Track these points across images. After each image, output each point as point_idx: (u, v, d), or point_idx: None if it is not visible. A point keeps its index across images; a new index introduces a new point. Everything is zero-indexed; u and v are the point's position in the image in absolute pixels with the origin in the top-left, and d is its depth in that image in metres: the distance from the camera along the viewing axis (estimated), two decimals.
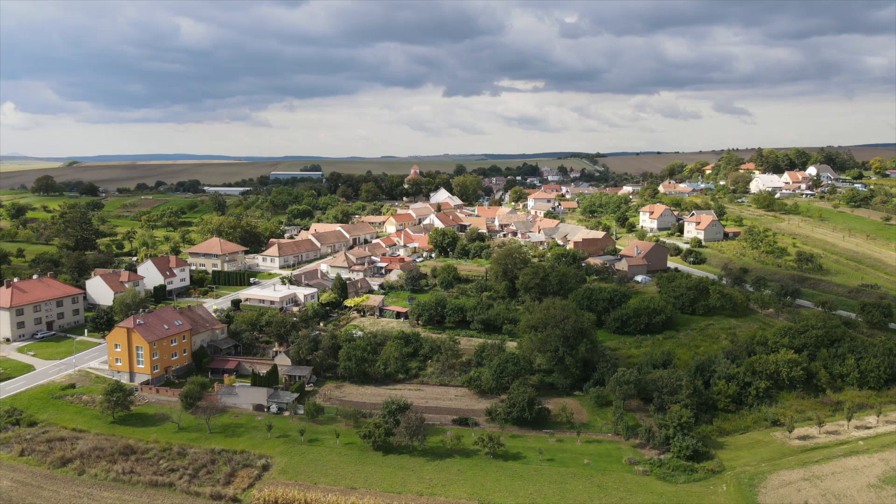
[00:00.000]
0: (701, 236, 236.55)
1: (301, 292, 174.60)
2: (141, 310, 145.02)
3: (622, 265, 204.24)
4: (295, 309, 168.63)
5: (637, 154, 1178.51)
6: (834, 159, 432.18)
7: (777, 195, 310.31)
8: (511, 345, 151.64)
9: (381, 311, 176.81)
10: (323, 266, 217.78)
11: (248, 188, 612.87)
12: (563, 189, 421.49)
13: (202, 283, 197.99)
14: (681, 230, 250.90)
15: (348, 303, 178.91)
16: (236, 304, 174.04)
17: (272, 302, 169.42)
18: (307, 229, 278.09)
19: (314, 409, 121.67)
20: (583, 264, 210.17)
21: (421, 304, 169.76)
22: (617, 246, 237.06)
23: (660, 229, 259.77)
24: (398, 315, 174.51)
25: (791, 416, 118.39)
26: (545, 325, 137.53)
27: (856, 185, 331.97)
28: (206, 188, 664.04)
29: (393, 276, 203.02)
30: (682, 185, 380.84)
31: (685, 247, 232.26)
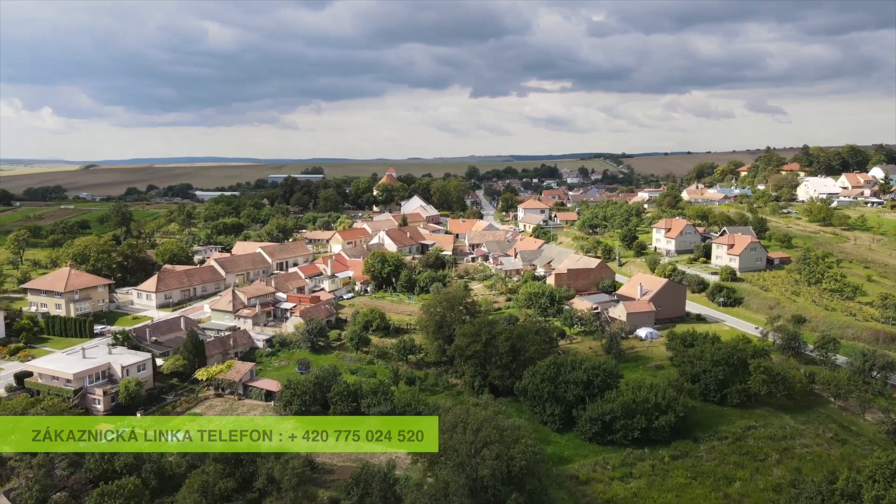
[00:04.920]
0: (735, 264, 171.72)
1: (120, 362, 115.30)
2: None
3: (619, 311, 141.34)
4: (98, 393, 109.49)
5: (665, 154, 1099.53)
6: None
7: (834, 203, 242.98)
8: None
9: (246, 389, 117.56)
10: (206, 308, 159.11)
11: (235, 192, 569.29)
12: (570, 194, 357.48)
13: (27, 334, 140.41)
14: (707, 254, 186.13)
15: (201, 374, 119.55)
16: (21, 380, 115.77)
17: (68, 380, 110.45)
18: (230, 250, 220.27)
19: None
20: (565, 307, 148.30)
21: (293, 382, 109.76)
22: (619, 277, 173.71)
23: (679, 252, 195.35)
24: (269, 396, 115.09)
25: None
26: (447, 457, 76.17)
27: None
28: (196, 192, 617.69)
29: (290, 327, 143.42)
30: (711, 191, 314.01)
31: (713, 279, 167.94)
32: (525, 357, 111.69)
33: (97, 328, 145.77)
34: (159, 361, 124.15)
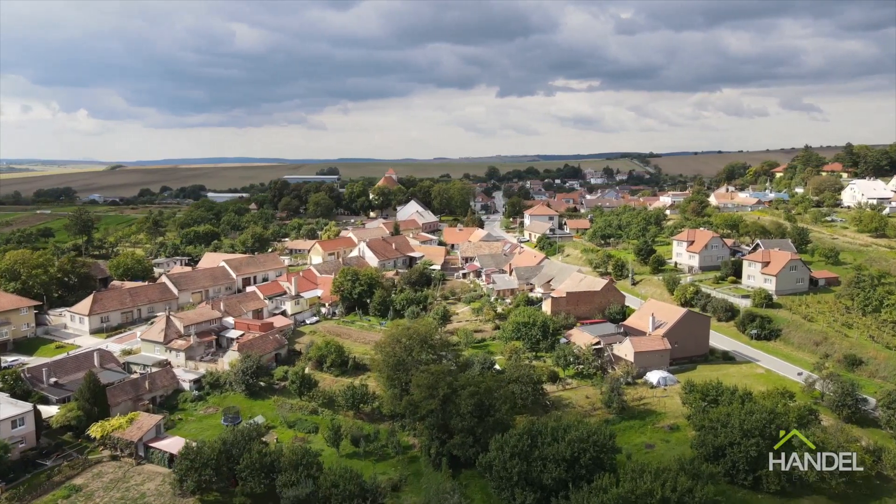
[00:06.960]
0: (771, 286, 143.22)
1: None
2: None
3: (625, 349, 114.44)
4: None
5: (695, 154, 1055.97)
6: None
7: (886, 210, 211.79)
8: None
9: (147, 451, 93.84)
10: (139, 336, 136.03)
11: (245, 193, 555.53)
12: (587, 197, 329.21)
13: None
14: (737, 272, 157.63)
15: (94, 431, 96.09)
16: None
17: None
18: (195, 263, 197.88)
19: None
20: (562, 340, 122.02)
21: (191, 449, 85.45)
22: (630, 300, 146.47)
23: (703, 269, 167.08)
24: (172, 461, 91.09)
25: None
26: None
27: None
28: (208, 194, 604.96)
29: (226, 364, 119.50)
30: (742, 195, 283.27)
31: (743, 304, 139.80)
32: (494, 419, 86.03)
33: (6, 361, 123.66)
34: (53, 410, 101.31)
